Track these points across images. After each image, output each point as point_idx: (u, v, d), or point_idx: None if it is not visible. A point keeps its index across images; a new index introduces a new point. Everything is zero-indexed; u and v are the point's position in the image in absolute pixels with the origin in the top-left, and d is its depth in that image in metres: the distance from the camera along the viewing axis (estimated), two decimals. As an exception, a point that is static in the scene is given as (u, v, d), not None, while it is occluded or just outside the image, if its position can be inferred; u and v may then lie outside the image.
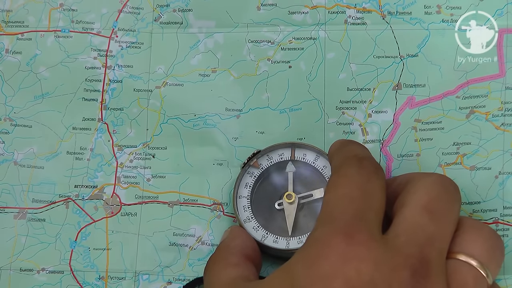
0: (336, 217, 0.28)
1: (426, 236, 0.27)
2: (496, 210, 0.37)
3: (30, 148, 0.39)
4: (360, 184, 0.29)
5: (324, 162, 0.37)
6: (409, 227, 0.28)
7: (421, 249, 0.27)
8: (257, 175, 0.38)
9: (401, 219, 0.28)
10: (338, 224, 0.27)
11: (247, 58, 0.40)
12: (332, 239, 0.27)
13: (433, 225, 0.28)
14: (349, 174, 0.30)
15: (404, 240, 0.27)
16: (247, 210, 0.37)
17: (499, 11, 0.38)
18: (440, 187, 0.29)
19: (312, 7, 0.39)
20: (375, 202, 0.28)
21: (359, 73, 0.39)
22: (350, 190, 0.29)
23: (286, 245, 0.36)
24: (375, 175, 0.29)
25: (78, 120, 0.40)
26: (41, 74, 0.40)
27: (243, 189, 0.37)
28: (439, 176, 0.30)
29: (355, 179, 0.29)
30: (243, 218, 0.37)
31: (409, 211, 0.28)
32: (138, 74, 0.40)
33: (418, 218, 0.28)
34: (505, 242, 0.37)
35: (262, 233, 0.36)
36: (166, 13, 0.40)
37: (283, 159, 0.38)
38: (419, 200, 0.29)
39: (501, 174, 0.37)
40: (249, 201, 0.37)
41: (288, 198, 0.37)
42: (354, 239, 0.26)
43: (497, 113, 0.38)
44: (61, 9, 0.40)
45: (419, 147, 0.38)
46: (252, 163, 0.38)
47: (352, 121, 0.39)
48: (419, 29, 0.39)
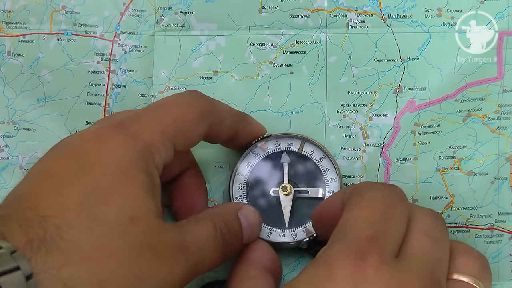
0: (350, 238, 0.28)
1: (434, 259, 0.28)
2: (491, 216, 0.38)
3: (35, 152, 0.40)
4: (384, 209, 0.29)
5: (328, 164, 0.38)
6: (417, 251, 0.28)
7: (432, 271, 0.27)
8: (261, 158, 0.38)
9: (408, 243, 0.28)
10: (350, 244, 0.27)
11: (249, 61, 0.40)
12: (343, 259, 0.27)
13: (436, 249, 0.28)
14: (373, 198, 0.29)
15: (416, 262, 0.27)
16: (242, 189, 0.37)
17: (499, 14, 0.39)
18: (434, 217, 0.30)
19: (313, 10, 0.39)
20: (395, 228, 0.28)
21: (360, 76, 0.39)
22: (371, 213, 0.29)
23: (279, 237, 0.36)
24: (402, 203, 0.29)
25: (81, 124, 0.40)
26: (43, 77, 0.40)
27: (244, 167, 0.38)
28: (430, 209, 0.31)
29: (379, 204, 0.29)
30: (235, 196, 0.37)
31: (414, 236, 0.28)
32: (142, 79, 0.40)
33: (424, 243, 0.28)
34: (500, 248, 0.38)
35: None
36: (168, 16, 0.40)
37: (291, 148, 0.38)
38: (420, 226, 0.29)
39: (496, 180, 0.38)
40: (246, 181, 0.38)
41: (283, 190, 0.37)
42: (365, 262, 0.26)
43: (493, 116, 0.38)
44: (63, 11, 0.40)
45: (417, 150, 0.39)
46: (260, 144, 0.38)
47: (353, 124, 0.39)
48: (420, 32, 0.39)
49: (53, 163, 0.28)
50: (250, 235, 0.34)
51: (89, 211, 0.26)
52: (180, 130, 0.31)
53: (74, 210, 0.26)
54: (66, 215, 0.26)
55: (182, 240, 0.29)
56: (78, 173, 0.27)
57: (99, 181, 0.27)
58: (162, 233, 0.28)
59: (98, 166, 0.28)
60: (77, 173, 0.27)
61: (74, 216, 0.26)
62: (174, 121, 0.31)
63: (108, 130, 0.29)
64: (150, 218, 0.28)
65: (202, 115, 0.33)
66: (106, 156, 0.28)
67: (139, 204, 0.28)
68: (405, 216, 0.29)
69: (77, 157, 0.28)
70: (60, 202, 0.26)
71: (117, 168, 0.28)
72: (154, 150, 0.30)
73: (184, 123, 0.32)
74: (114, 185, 0.27)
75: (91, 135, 0.30)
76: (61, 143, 0.30)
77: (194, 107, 0.32)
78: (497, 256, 0.38)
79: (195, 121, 0.32)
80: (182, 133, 0.32)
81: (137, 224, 0.27)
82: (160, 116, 0.31)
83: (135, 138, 0.29)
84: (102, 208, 0.27)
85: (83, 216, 0.26)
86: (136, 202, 0.28)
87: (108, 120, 0.34)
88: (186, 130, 0.32)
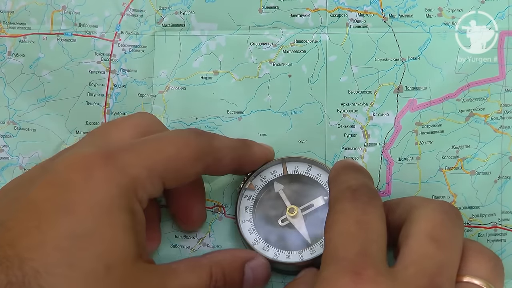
0: (341, 256, 0.28)
1: (435, 265, 0.27)
2: (494, 215, 0.38)
3: (35, 152, 0.40)
4: (357, 218, 0.29)
5: (318, 171, 0.38)
6: (417, 257, 0.28)
7: (432, 279, 0.27)
8: (255, 197, 0.38)
9: (408, 250, 0.28)
10: (344, 263, 0.27)
11: (249, 61, 0.40)
12: (339, 279, 0.27)
13: (440, 253, 0.28)
14: (344, 210, 0.30)
15: (413, 272, 0.27)
16: (253, 233, 0.37)
17: (500, 13, 0.38)
18: (443, 214, 0.29)
19: (313, 10, 0.39)
20: (374, 234, 0.28)
21: (361, 75, 0.39)
22: (347, 226, 0.29)
23: (300, 258, 0.36)
24: (370, 206, 0.29)
25: (81, 124, 0.40)
26: (44, 77, 0.40)
27: (244, 213, 0.38)
28: (440, 203, 0.30)
29: (350, 214, 0.29)
30: (250, 241, 0.37)
31: (415, 241, 0.28)
32: (142, 79, 0.40)
33: (425, 248, 0.28)
34: (503, 247, 0.37)
35: (274, 251, 0.36)
36: (168, 16, 0.40)
37: (276, 176, 0.38)
38: (424, 229, 0.28)
39: (500, 179, 0.38)
40: (253, 224, 0.37)
41: (290, 212, 0.37)
42: (361, 277, 0.26)
43: (496, 116, 0.38)
44: (63, 11, 0.40)
45: (419, 150, 0.38)
46: (247, 186, 0.38)
47: (354, 124, 0.39)
48: (421, 32, 0.39)
49: (38, 191, 0.28)
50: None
51: (67, 256, 0.26)
52: (172, 168, 0.31)
53: (53, 255, 0.26)
54: (44, 259, 0.26)
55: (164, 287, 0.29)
56: (61, 211, 0.27)
57: (81, 223, 0.27)
58: (141, 280, 0.28)
59: (81, 206, 0.27)
60: (60, 211, 0.27)
61: (52, 261, 0.26)
62: (167, 159, 0.31)
63: (96, 160, 0.29)
64: (127, 265, 0.28)
65: (198, 155, 0.32)
66: (90, 194, 0.28)
67: (117, 250, 0.27)
68: (381, 219, 0.29)
69: (62, 190, 0.28)
70: (40, 242, 0.26)
71: (100, 209, 0.28)
72: (138, 185, 0.29)
73: (177, 162, 0.31)
74: (94, 228, 0.27)
75: (78, 163, 0.29)
76: (47, 167, 0.30)
77: (191, 146, 0.32)
78: (501, 254, 0.37)
79: (190, 161, 0.32)
80: (173, 171, 0.31)
81: (113, 272, 0.27)
82: (154, 152, 0.31)
83: (122, 172, 0.29)
84: (79, 254, 0.26)
85: (61, 261, 0.26)
86: (114, 248, 0.27)
87: (101, 140, 0.33)
88: (178, 169, 0.31)
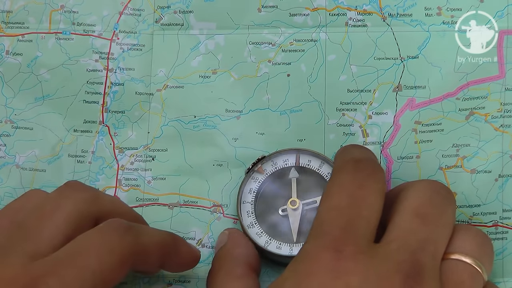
0: (325, 231, 0.28)
1: (418, 241, 0.27)
2: (495, 213, 0.37)
3: (32, 150, 0.39)
4: (351, 192, 0.29)
5: (329, 169, 0.37)
6: (400, 233, 0.28)
7: (413, 254, 0.27)
8: (262, 181, 0.38)
9: (392, 226, 0.28)
10: (327, 238, 0.27)
11: (247, 60, 0.40)
12: (321, 254, 0.27)
13: (425, 229, 0.28)
14: (341, 182, 0.29)
15: (395, 247, 0.27)
16: (251, 216, 0.37)
17: (499, 12, 0.38)
18: (431, 191, 0.29)
19: (313, 9, 0.39)
20: (366, 210, 0.28)
21: (360, 74, 0.39)
22: (339, 200, 0.28)
23: (289, 251, 0.36)
24: (371, 179, 0.29)
25: (79, 122, 0.40)
26: (41, 76, 0.40)
27: (247, 195, 0.38)
28: (430, 182, 0.30)
29: (346, 187, 0.29)
30: (246, 224, 0.37)
31: (400, 217, 0.28)
32: (140, 77, 0.40)
33: (409, 223, 0.28)
34: (504, 245, 0.37)
35: (266, 239, 0.36)
36: (167, 15, 0.40)
37: (287, 165, 0.38)
38: (410, 205, 0.29)
39: (500, 177, 0.38)
40: (253, 207, 0.37)
41: (292, 205, 0.37)
42: (342, 254, 0.26)
43: (496, 115, 0.38)
44: (62, 11, 0.40)
45: (419, 149, 0.38)
46: (256, 168, 0.38)
47: (353, 123, 0.39)
48: (420, 31, 0.39)
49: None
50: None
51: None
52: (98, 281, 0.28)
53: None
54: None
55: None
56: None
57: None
58: None
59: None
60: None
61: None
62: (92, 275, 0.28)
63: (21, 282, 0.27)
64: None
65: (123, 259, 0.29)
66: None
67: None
68: (379, 194, 0.29)
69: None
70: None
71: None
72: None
73: (102, 275, 0.28)
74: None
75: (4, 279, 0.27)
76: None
77: (115, 253, 0.29)
78: (502, 252, 0.37)
79: (115, 270, 0.29)
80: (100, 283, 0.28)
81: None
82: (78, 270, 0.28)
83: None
84: None
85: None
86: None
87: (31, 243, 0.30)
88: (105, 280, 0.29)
